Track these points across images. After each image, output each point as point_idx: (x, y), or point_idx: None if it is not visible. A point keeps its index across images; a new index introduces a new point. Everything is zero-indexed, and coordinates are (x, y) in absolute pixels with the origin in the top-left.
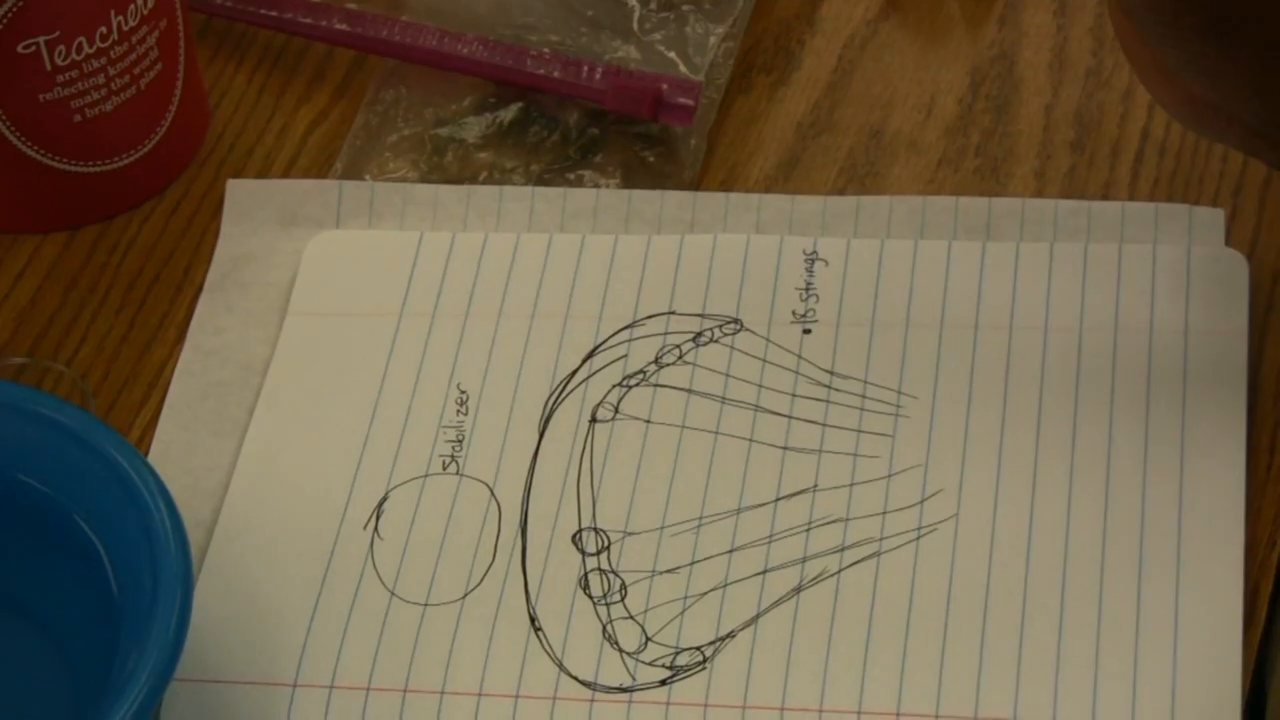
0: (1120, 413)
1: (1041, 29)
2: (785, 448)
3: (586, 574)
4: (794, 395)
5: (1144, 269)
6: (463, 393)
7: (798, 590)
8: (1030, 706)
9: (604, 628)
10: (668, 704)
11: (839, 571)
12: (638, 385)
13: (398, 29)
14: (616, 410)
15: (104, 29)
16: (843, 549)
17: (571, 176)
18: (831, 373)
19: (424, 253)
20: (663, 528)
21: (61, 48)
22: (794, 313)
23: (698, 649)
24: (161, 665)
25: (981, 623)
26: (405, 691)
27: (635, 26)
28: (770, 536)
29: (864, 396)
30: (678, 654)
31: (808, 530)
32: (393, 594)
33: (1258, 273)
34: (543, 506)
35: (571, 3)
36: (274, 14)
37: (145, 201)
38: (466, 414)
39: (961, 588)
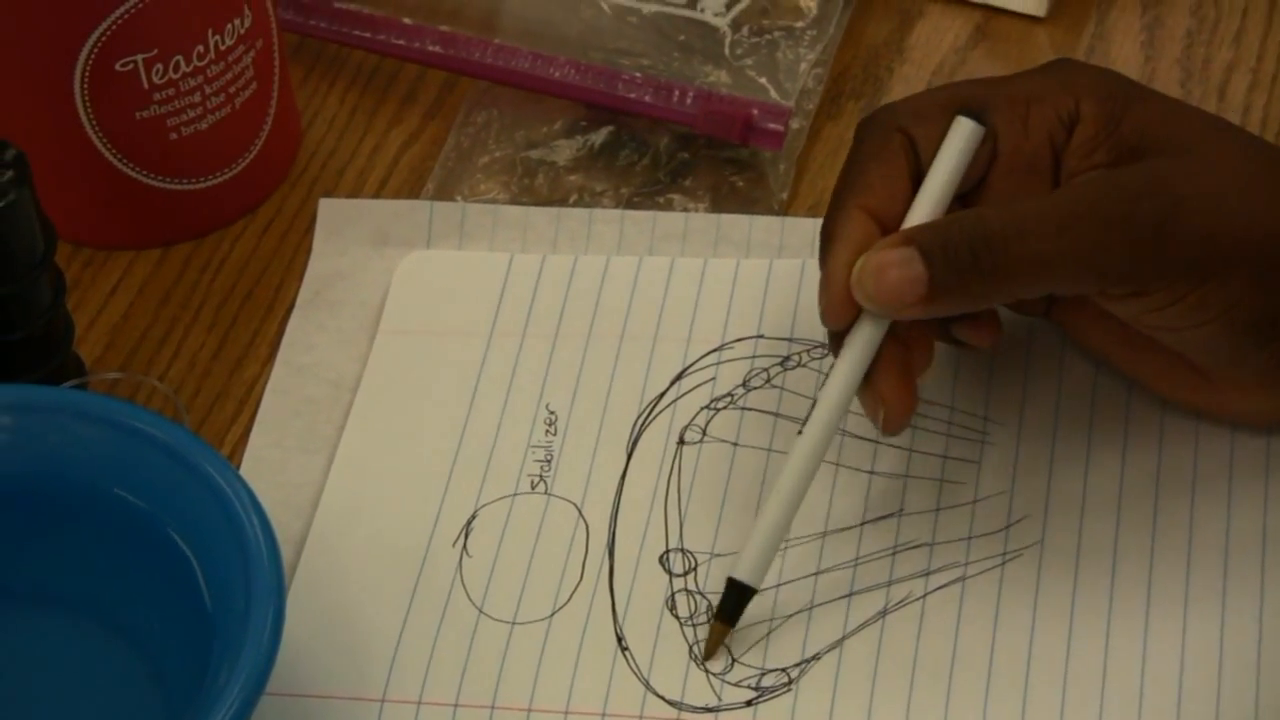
0: (1205, 434)
1: (1129, 59)
2: (871, 472)
3: (673, 594)
4: None
5: None
6: (551, 413)
7: (883, 614)
8: None
9: (690, 648)
10: None
11: (924, 596)
12: (725, 408)
13: (490, 51)
14: (704, 433)
15: (201, 48)
16: (928, 573)
17: (661, 200)
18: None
19: (514, 274)
20: None
21: (159, 66)
22: None
23: (783, 670)
24: (254, 679)
25: (1066, 648)
26: (493, 708)
27: (726, 51)
28: (856, 560)
29: (950, 423)
30: (763, 675)
31: (893, 554)
32: (481, 611)
33: None
34: (630, 527)
35: (663, 27)
36: (367, 35)
37: (238, 219)
38: (555, 434)
39: (1046, 613)
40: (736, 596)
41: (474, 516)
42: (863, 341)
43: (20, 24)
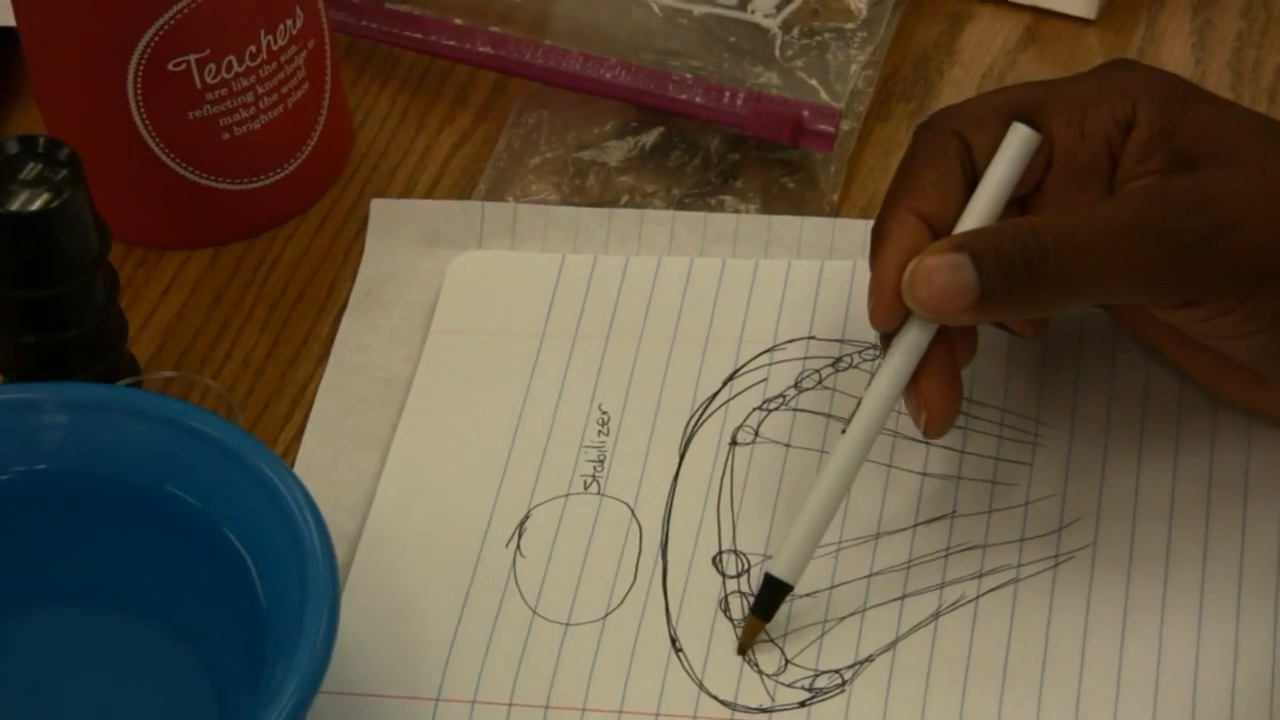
0: (1256, 437)
1: (1179, 62)
2: (924, 474)
3: (726, 596)
4: None
5: None
6: (604, 413)
7: (936, 615)
8: None
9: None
10: None
11: (977, 598)
12: (777, 409)
13: (541, 53)
14: (756, 434)
15: (253, 48)
16: (980, 575)
17: (712, 201)
18: (969, 400)
19: (566, 274)
20: None
21: (211, 66)
22: None
23: (836, 672)
24: (309, 677)
25: (1119, 651)
26: (546, 708)
27: (777, 53)
28: (909, 561)
29: (1002, 425)
30: (817, 676)
31: (945, 556)
32: (535, 612)
33: None
34: (683, 528)
35: (714, 28)
36: (418, 36)
37: (290, 219)
38: (608, 435)
39: (1098, 616)
40: (771, 592)
41: (527, 516)
42: (910, 344)
43: (74, 24)
